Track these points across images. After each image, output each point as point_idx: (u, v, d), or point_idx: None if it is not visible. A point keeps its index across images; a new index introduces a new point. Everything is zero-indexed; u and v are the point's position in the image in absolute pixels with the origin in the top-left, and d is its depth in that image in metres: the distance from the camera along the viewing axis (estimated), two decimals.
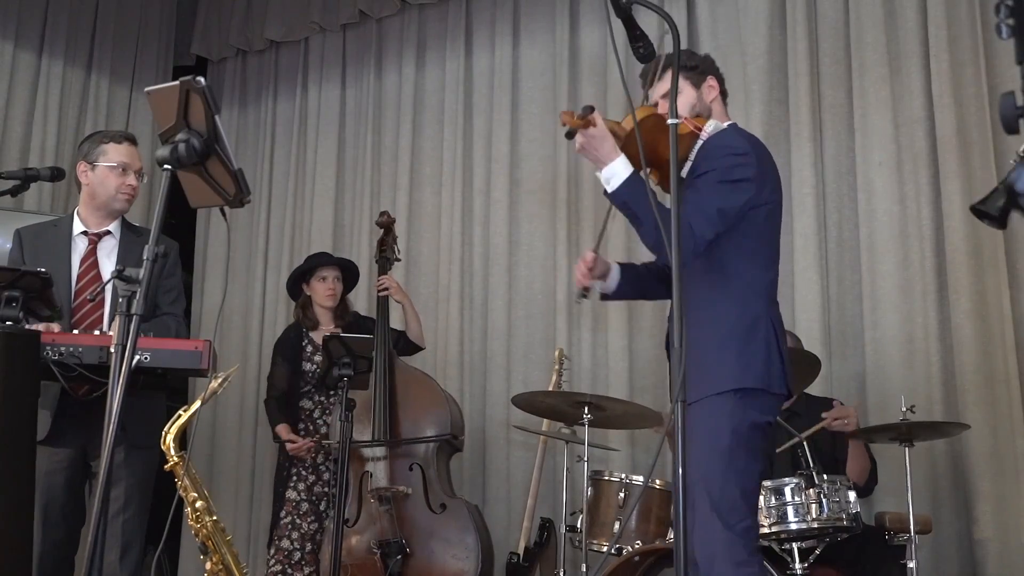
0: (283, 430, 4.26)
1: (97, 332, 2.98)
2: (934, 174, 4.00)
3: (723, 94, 2.77)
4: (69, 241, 3.33)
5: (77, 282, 3.29)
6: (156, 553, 4.00)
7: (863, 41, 4.27)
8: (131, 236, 3.38)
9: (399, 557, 3.94)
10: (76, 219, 3.37)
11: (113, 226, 3.38)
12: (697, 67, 2.72)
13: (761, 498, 3.09)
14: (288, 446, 4.23)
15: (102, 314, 3.27)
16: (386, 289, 4.36)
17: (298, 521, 4.20)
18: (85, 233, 3.35)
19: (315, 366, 4.32)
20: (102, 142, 3.34)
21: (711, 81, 2.73)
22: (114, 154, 3.30)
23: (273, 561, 4.15)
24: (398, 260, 4.63)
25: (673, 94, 2.37)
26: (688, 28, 4.68)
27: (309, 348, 4.39)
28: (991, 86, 3.94)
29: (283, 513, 4.20)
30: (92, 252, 3.33)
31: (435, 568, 3.98)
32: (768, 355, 2.53)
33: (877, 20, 4.23)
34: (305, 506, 4.22)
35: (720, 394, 2.48)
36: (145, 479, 3.33)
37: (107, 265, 3.32)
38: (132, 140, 3.41)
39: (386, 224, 4.54)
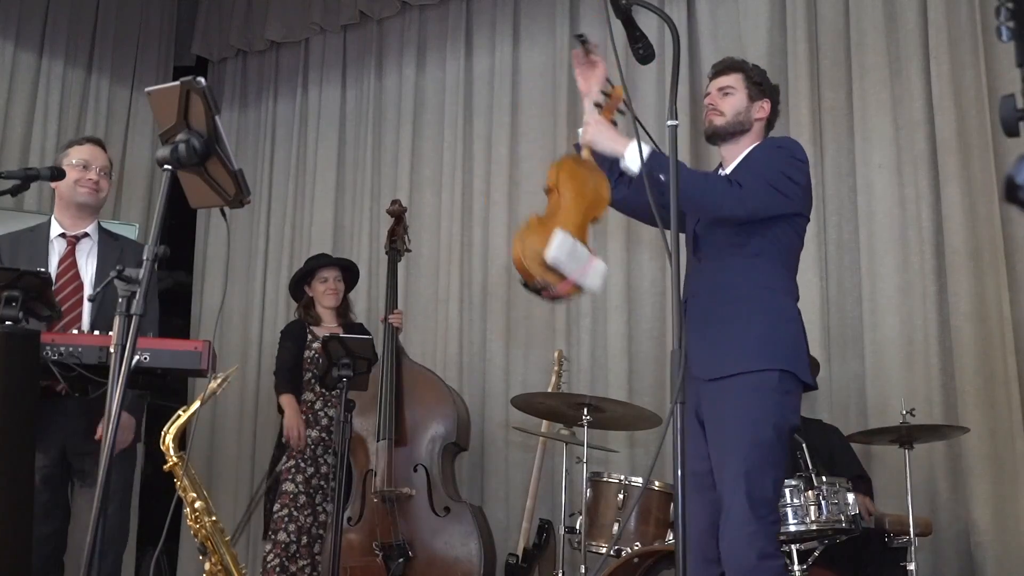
0: (288, 401, 4.24)
1: (75, 331, 3.01)
2: (934, 176, 4.00)
3: (769, 123, 2.82)
4: (47, 244, 3.40)
5: (56, 281, 3.32)
6: (155, 553, 4.02)
7: (863, 43, 4.27)
8: (108, 239, 3.48)
9: (401, 560, 3.94)
10: (54, 222, 3.45)
11: (90, 228, 3.46)
12: (761, 84, 2.80)
13: None
14: (286, 424, 4.21)
15: (80, 313, 3.32)
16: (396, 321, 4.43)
17: (295, 514, 4.20)
18: (63, 235, 3.42)
19: (314, 352, 4.34)
20: (67, 147, 3.49)
21: (764, 104, 2.79)
22: (75, 154, 3.44)
23: (271, 555, 4.14)
24: (408, 251, 4.65)
25: (673, 95, 2.38)
26: (688, 30, 4.69)
27: (309, 337, 4.42)
28: (991, 89, 3.94)
29: (278, 506, 4.20)
30: (71, 253, 3.41)
31: (437, 571, 3.99)
32: (799, 344, 2.62)
33: (877, 22, 4.24)
34: (303, 499, 4.22)
35: (761, 372, 2.50)
36: (126, 479, 3.39)
37: (85, 266, 3.41)
38: (95, 141, 3.54)
39: (397, 213, 4.57)
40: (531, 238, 2.26)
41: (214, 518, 3.15)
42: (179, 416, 3.11)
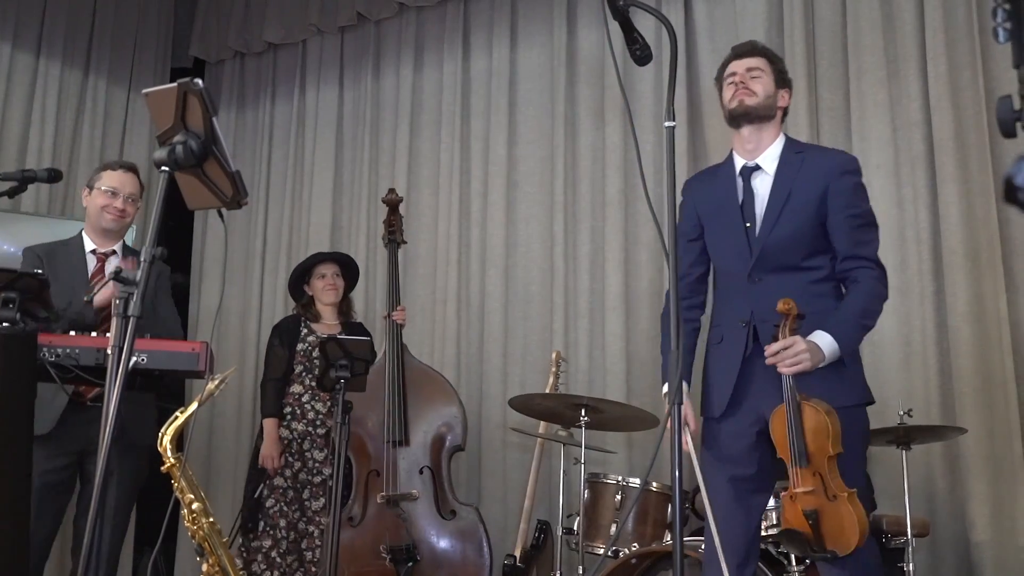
0: (271, 425, 4.27)
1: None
2: (931, 177, 4.00)
3: (785, 112, 2.81)
4: (84, 258, 3.54)
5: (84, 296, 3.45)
6: (152, 554, 4.00)
7: (860, 44, 4.28)
8: (133, 257, 3.58)
9: (410, 564, 3.94)
10: (85, 237, 3.59)
11: (117, 246, 3.60)
12: (783, 73, 2.80)
13: None
14: (262, 451, 4.24)
15: (108, 328, 3.38)
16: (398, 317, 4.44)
17: (284, 508, 4.21)
18: (93, 252, 3.56)
19: (307, 345, 4.36)
20: (102, 170, 3.61)
21: (785, 93, 2.78)
22: (107, 179, 3.56)
23: (270, 549, 4.15)
24: (404, 243, 4.67)
25: (670, 96, 2.38)
26: (685, 31, 4.70)
27: (304, 330, 4.43)
28: (988, 89, 3.95)
29: (272, 501, 4.21)
30: (100, 270, 3.54)
31: (444, 575, 4.00)
32: None
33: (875, 23, 4.25)
34: (291, 494, 4.24)
35: (857, 407, 2.58)
36: (135, 485, 3.43)
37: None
38: (128, 168, 3.65)
39: (392, 202, 4.62)
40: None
41: (211, 519, 3.15)
42: (176, 417, 3.11)
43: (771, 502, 3.12)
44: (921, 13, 4.13)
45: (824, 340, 2.48)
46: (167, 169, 2.11)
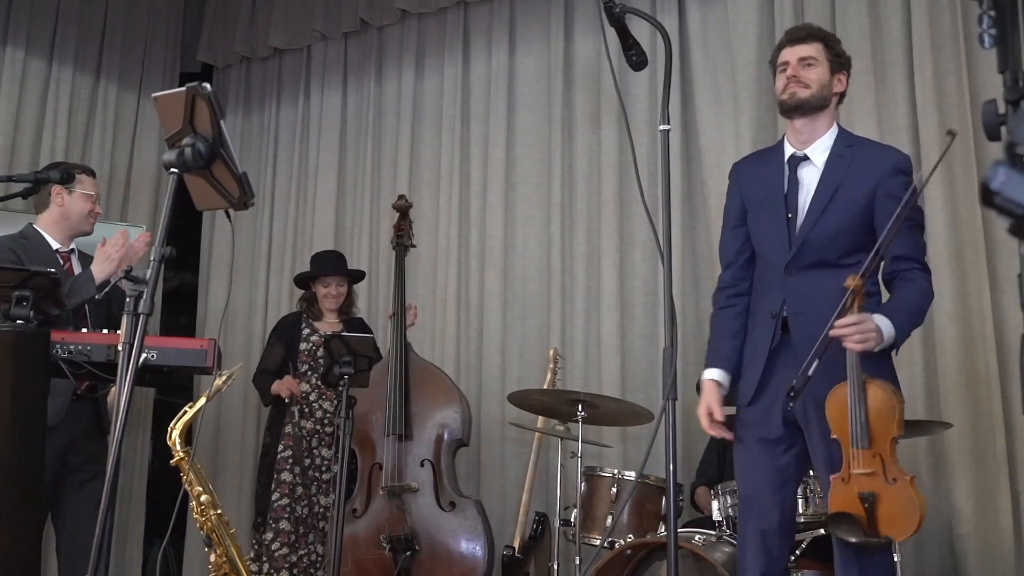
0: (277, 384, 4.38)
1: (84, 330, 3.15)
2: (918, 180, 4.06)
3: (842, 96, 2.73)
4: (55, 256, 3.58)
5: None
6: (162, 546, 4.11)
7: (849, 50, 4.21)
8: (86, 260, 3.65)
9: (408, 553, 4.03)
10: (46, 235, 3.62)
11: (74, 245, 3.70)
12: (840, 56, 2.69)
13: None
14: (276, 385, 4.36)
15: (83, 315, 3.49)
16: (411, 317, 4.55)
17: (292, 504, 4.30)
18: (57, 251, 3.62)
19: (311, 345, 4.45)
20: (80, 173, 3.67)
21: (843, 76, 2.69)
22: (89, 185, 3.67)
23: (277, 544, 4.24)
24: (413, 246, 4.76)
25: (665, 100, 2.45)
26: (679, 37, 4.76)
27: (307, 330, 4.52)
28: (973, 95, 4.00)
29: (277, 495, 4.30)
30: (70, 270, 3.62)
31: (442, 564, 4.08)
32: None
33: (863, 30, 4.30)
34: (300, 489, 4.32)
35: None
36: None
37: None
38: (94, 174, 3.78)
39: (402, 208, 4.71)
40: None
41: (219, 511, 3.23)
42: (185, 412, 3.19)
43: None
44: (908, 20, 4.19)
45: (885, 324, 2.39)
46: (176, 171, 2.16)
